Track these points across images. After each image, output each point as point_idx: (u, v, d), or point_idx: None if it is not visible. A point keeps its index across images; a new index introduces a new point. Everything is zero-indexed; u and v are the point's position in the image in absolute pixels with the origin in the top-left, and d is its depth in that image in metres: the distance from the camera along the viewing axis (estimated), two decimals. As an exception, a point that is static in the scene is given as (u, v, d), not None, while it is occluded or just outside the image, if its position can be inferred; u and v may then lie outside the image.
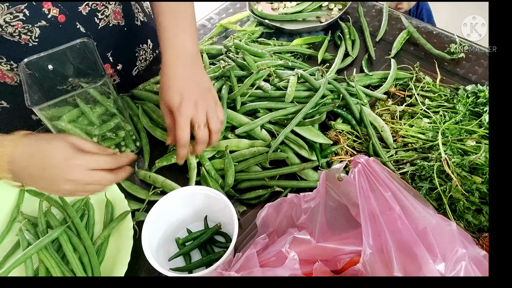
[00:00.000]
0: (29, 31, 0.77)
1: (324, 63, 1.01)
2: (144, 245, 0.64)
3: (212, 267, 0.61)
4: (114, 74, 0.98)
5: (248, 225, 0.76)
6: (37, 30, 0.78)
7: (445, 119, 0.82)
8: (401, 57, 1.02)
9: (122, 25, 0.95)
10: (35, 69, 0.76)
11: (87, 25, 0.86)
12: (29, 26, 0.76)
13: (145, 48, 1.06)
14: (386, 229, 0.54)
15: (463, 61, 0.99)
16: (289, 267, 0.55)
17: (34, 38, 0.79)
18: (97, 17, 0.87)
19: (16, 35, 0.77)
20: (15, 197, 0.79)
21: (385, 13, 1.11)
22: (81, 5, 0.83)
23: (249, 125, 0.83)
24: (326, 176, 0.61)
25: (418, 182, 0.73)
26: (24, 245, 0.71)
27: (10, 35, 0.76)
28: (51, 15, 0.78)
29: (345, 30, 1.08)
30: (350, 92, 0.88)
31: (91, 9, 0.85)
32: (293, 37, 1.09)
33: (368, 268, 0.53)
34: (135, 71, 1.05)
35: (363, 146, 0.83)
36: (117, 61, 0.97)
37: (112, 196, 0.77)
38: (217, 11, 1.23)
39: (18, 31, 0.76)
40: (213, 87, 0.77)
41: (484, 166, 0.69)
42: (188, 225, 0.76)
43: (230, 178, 0.79)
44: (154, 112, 0.91)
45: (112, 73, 0.98)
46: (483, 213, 0.68)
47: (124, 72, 1.01)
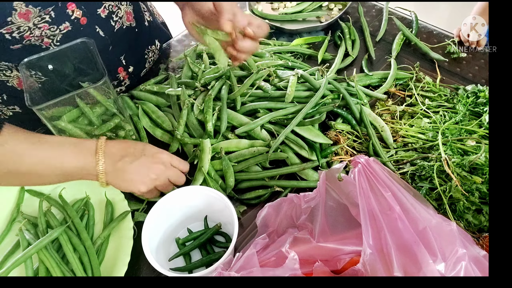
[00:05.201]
0: (52, 34, 0.77)
1: (324, 63, 1.01)
2: (144, 245, 0.64)
3: (212, 267, 0.61)
4: (125, 76, 0.97)
5: (248, 225, 0.76)
6: (59, 33, 0.78)
7: (445, 119, 0.82)
8: (401, 57, 1.02)
9: (134, 26, 0.95)
10: (35, 69, 0.76)
11: (105, 28, 0.86)
12: (54, 28, 0.76)
13: (153, 49, 1.06)
14: (386, 229, 0.54)
15: (463, 61, 0.99)
16: (289, 267, 0.55)
17: (55, 42, 0.79)
18: (112, 19, 0.87)
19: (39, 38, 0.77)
20: (15, 197, 0.79)
21: (385, 13, 1.11)
22: (100, 7, 0.83)
23: (249, 125, 0.83)
24: (326, 176, 0.61)
25: (418, 182, 0.73)
26: (24, 245, 0.71)
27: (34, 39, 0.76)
28: (74, 16, 0.78)
29: (345, 30, 1.08)
30: (350, 92, 0.89)
31: (108, 11, 0.85)
32: (293, 37, 1.09)
33: (368, 268, 0.53)
34: (143, 72, 1.04)
35: (363, 146, 0.83)
36: (129, 63, 0.97)
37: (112, 196, 0.77)
38: (217, 11, 1.23)
39: (42, 34, 0.76)
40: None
41: (484, 166, 0.69)
42: (188, 225, 0.76)
43: (230, 179, 0.79)
44: (154, 112, 0.91)
45: (124, 76, 0.97)
46: (483, 213, 0.68)
47: (134, 75, 1.00)
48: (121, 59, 0.94)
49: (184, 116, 0.86)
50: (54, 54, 0.75)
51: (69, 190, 0.77)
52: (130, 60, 0.97)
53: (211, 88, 0.90)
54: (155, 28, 1.09)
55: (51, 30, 0.76)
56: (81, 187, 0.78)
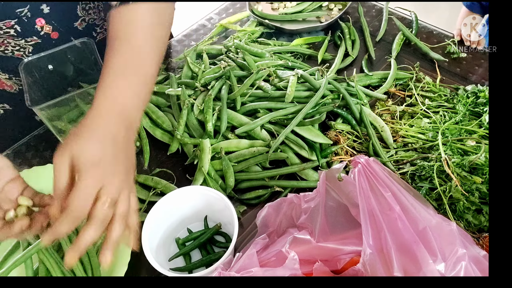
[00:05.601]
0: (21, 47, 0.77)
1: (324, 63, 1.01)
2: (144, 245, 0.64)
3: (212, 267, 0.61)
4: None
5: (248, 225, 0.76)
6: (29, 47, 0.78)
7: (445, 119, 0.82)
8: (401, 57, 1.02)
9: None
10: (35, 69, 0.76)
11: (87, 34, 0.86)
12: (22, 43, 0.76)
13: None
14: (386, 229, 0.54)
15: (463, 61, 0.99)
16: (289, 267, 0.55)
17: (27, 53, 0.79)
18: (95, 31, 0.87)
19: (9, 52, 0.76)
20: (15, 197, 0.79)
21: (385, 13, 1.11)
22: (77, 21, 0.82)
23: (249, 125, 0.83)
24: (326, 176, 0.61)
25: (418, 182, 0.73)
26: (24, 245, 0.70)
27: (2, 52, 0.76)
28: (44, 32, 0.78)
29: (345, 30, 1.08)
30: (350, 92, 0.88)
31: (88, 24, 0.85)
32: (293, 37, 1.09)
33: (368, 268, 0.53)
34: None
35: (363, 146, 0.83)
36: None
37: (112, 196, 0.77)
38: (217, 11, 1.23)
39: (11, 49, 0.76)
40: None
41: (484, 166, 0.69)
42: (188, 225, 0.76)
43: (230, 179, 0.79)
44: (154, 113, 0.91)
45: None
46: (483, 213, 0.68)
47: None
48: None
49: (184, 116, 0.86)
50: (54, 54, 0.76)
51: (69, 190, 0.77)
52: None
53: (211, 88, 0.90)
54: None
55: (17, 44, 0.76)
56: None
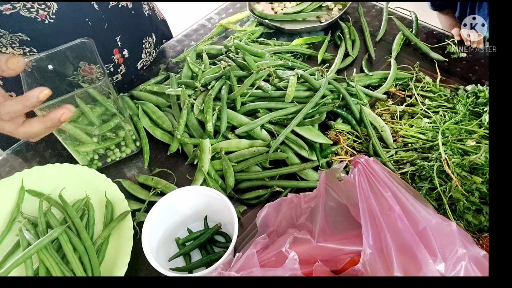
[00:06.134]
0: (47, 6, 0.78)
1: (324, 63, 1.01)
2: (144, 245, 0.64)
3: (212, 267, 0.61)
4: (120, 60, 0.98)
5: (248, 225, 0.76)
6: (54, 5, 0.79)
7: (445, 119, 0.82)
8: (401, 57, 1.02)
9: (130, 7, 0.96)
10: (35, 69, 0.76)
11: (99, 2, 0.87)
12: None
13: (150, 41, 1.07)
14: (386, 229, 0.54)
15: (463, 61, 0.99)
16: (289, 267, 0.55)
17: (51, 14, 0.80)
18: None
19: (34, 10, 0.77)
20: (15, 197, 0.79)
21: (385, 13, 1.11)
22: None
23: (249, 125, 0.83)
24: (326, 176, 0.61)
25: (418, 182, 0.73)
26: (24, 245, 0.71)
27: (28, 11, 0.76)
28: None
29: (345, 30, 1.08)
30: (350, 92, 0.88)
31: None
32: (293, 37, 1.09)
33: (368, 268, 0.53)
34: (140, 64, 1.05)
35: (363, 146, 0.83)
36: (124, 46, 0.98)
37: (112, 196, 0.77)
38: (217, 11, 1.23)
39: (36, 7, 0.77)
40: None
41: (484, 166, 0.69)
42: (188, 225, 0.76)
43: (230, 179, 0.79)
44: (154, 113, 0.91)
45: (118, 58, 0.98)
46: (483, 213, 0.68)
47: (130, 62, 1.01)
48: (117, 40, 0.95)
49: (184, 116, 0.86)
50: (54, 54, 0.75)
51: (69, 190, 0.77)
52: (126, 43, 0.98)
53: (211, 88, 0.90)
54: (153, 22, 1.10)
55: (45, 3, 0.77)
56: (81, 187, 0.78)
